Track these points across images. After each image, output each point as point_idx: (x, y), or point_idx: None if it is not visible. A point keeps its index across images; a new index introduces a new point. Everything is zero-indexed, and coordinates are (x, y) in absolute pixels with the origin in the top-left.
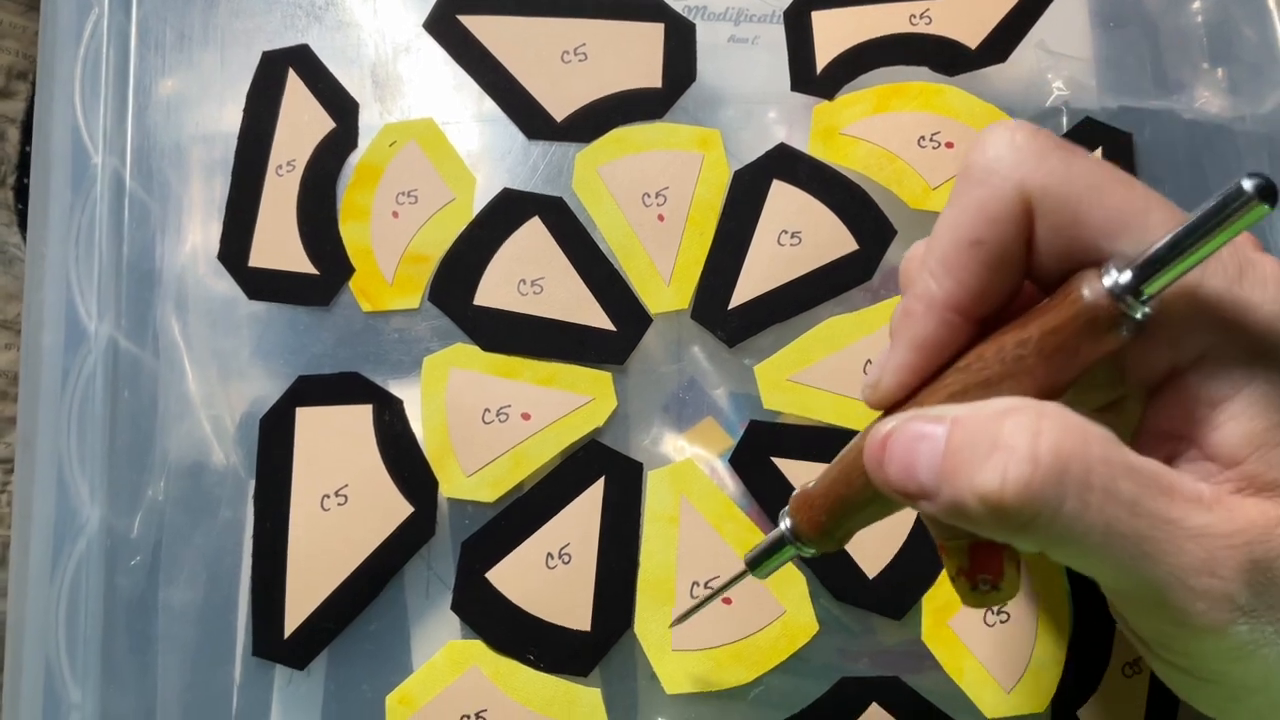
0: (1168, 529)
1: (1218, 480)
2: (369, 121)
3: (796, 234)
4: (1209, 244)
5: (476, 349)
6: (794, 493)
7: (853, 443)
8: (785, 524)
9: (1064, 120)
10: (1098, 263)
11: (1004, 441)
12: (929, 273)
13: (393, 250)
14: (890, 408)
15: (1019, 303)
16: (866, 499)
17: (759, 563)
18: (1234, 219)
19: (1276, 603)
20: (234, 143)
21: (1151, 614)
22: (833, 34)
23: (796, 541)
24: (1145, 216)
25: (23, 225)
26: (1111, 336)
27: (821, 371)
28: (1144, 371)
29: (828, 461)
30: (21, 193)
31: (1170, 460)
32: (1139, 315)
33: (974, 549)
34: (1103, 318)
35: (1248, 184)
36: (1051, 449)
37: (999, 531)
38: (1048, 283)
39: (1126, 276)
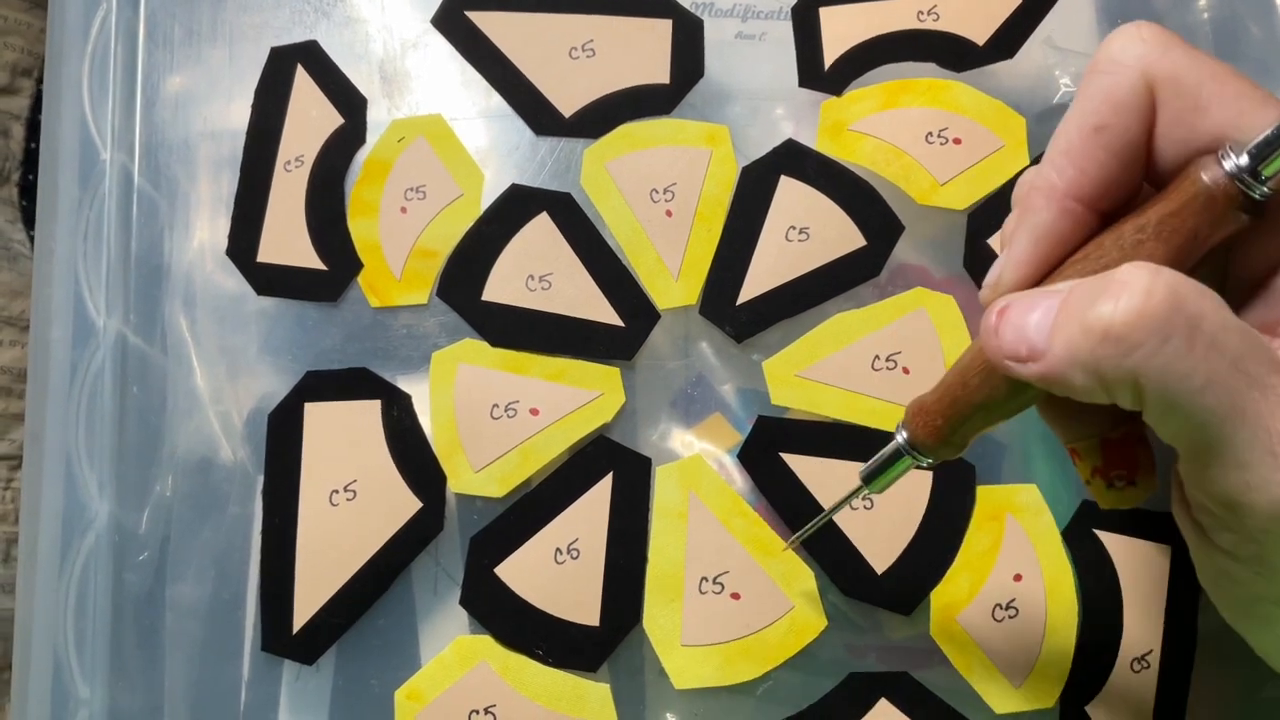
0: (1264, 392)
1: None
2: (377, 117)
3: (804, 230)
4: None
5: (485, 344)
6: (910, 403)
7: (968, 350)
8: (901, 435)
9: None
10: (1215, 151)
11: (1120, 277)
12: (1050, 163)
13: (401, 246)
14: None
15: (1138, 203)
16: (983, 399)
17: (874, 476)
18: None
19: None
20: (242, 139)
21: (1225, 481)
22: (840, 30)
23: (913, 451)
24: (1264, 107)
25: (28, 222)
26: (1230, 218)
27: (829, 367)
28: (1251, 265)
29: (837, 457)
30: (26, 190)
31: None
32: (1257, 195)
33: (1106, 446)
34: (1221, 199)
35: None
36: (1167, 285)
37: (1103, 376)
38: (1167, 181)
39: (1244, 159)
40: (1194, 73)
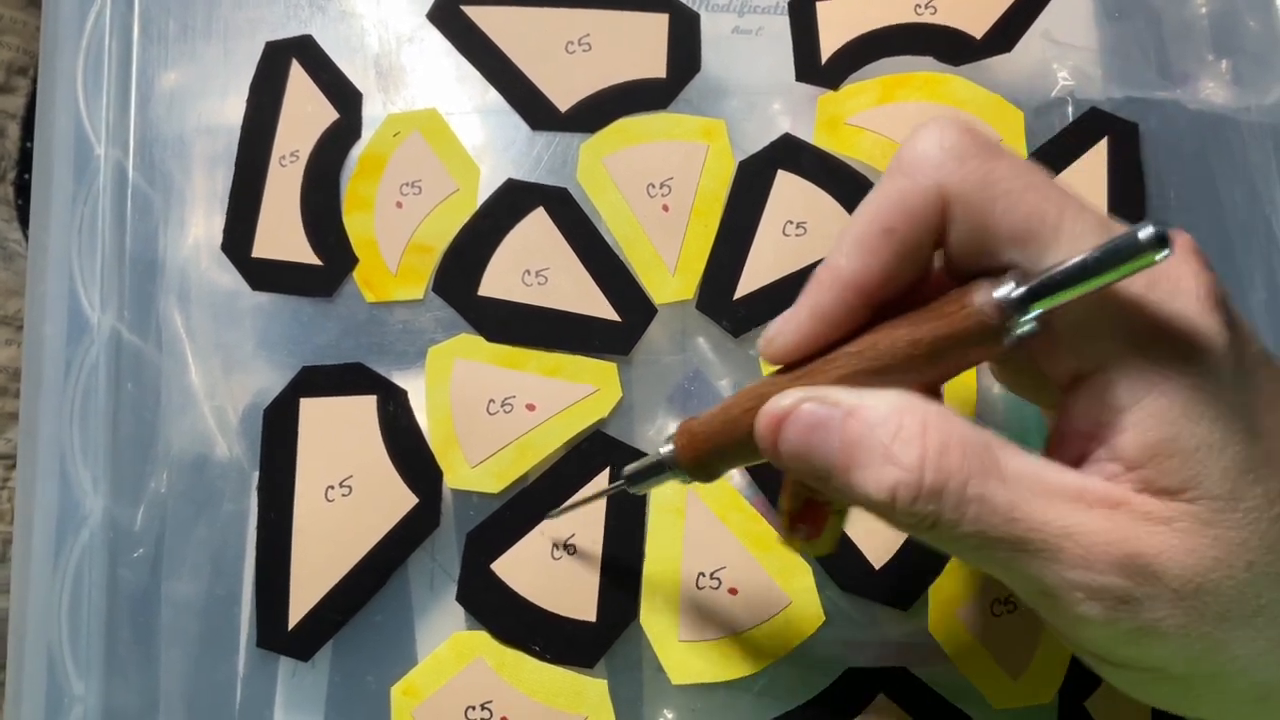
0: (1043, 530)
1: (1121, 480)
2: (372, 112)
3: (802, 224)
4: (1100, 279)
5: (481, 340)
6: (682, 421)
7: (742, 394)
8: (667, 448)
9: (1069, 110)
10: (1000, 270)
11: (894, 456)
12: (841, 249)
13: (397, 241)
14: (782, 367)
15: (924, 289)
16: (747, 452)
17: (637, 480)
18: (1128, 260)
19: (1159, 594)
20: (237, 134)
21: (1047, 607)
22: (837, 24)
23: (675, 467)
24: (1056, 226)
25: (23, 221)
26: (996, 345)
27: None
28: (1057, 373)
29: None
30: (22, 189)
31: (1083, 457)
32: (1021, 331)
33: (809, 502)
34: (989, 328)
35: (1143, 233)
36: (935, 469)
37: (888, 523)
38: (960, 277)
39: (1018, 293)
40: (986, 189)
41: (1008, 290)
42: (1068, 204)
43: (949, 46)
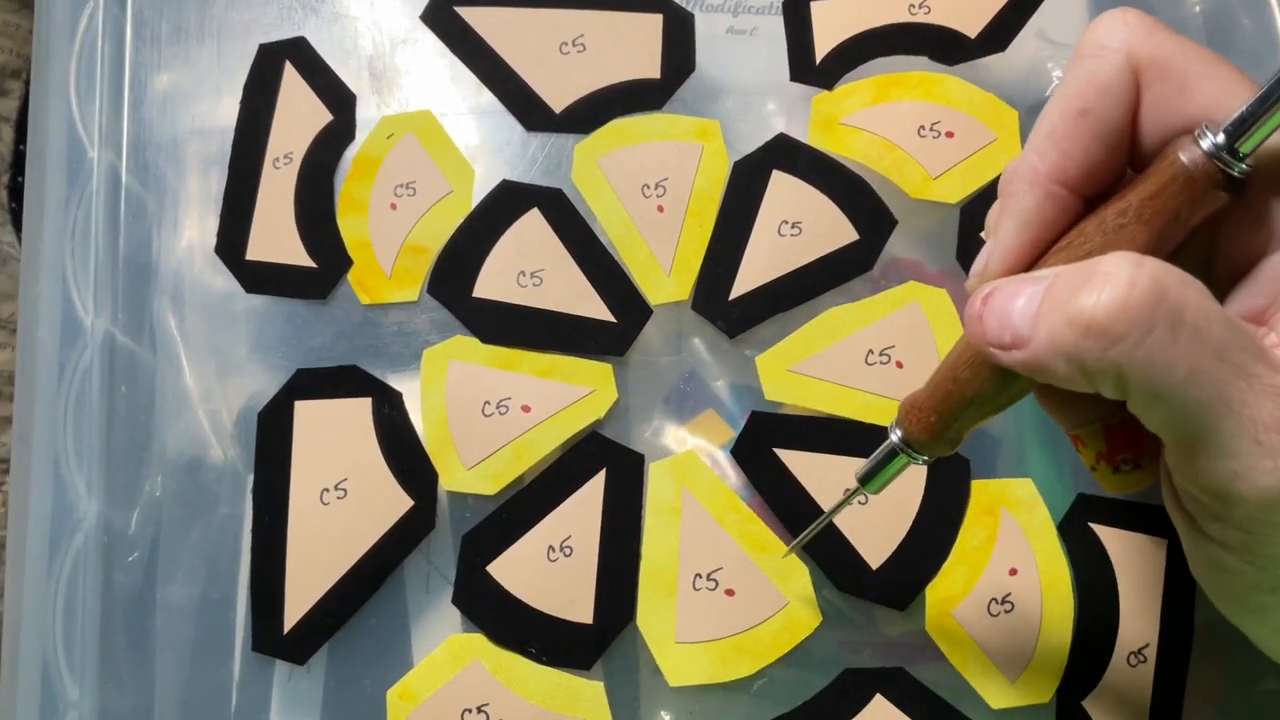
0: (1249, 381)
1: None
2: (366, 114)
3: (797, 224)
4: None
5: (476, 341)
6: (900, 401)
7: (958, 345)
8: (895, 434)
9: None
10: (1193, 131)
11: (1103, 269)
12: (1033, 148)
13: (391, 243)
14: None
15: (1121, 187)
16: (974, 392)
17: (871, 477)
18: None
19: None
20: (230, 136)
21: (1212, 469)
22: (832, 24)
23: (908, 449)
24: (1246, 90)
25: (16, 224)
26: (1210, 198)
27: (823, 362)
28: (1236, 251)
29: (831, 452)
30: (15, 192)
31: None
32: (1236, 173)
33: (1109, 431)
34: (1200, 179)
35: None
36: (1150, 277)
37: (1087, 367)
38: (1150, 164)
39: (1220, 137)
40: (1178, 57)
41: (1210, 135)
42: (1248, 79)
43: (943, 46)
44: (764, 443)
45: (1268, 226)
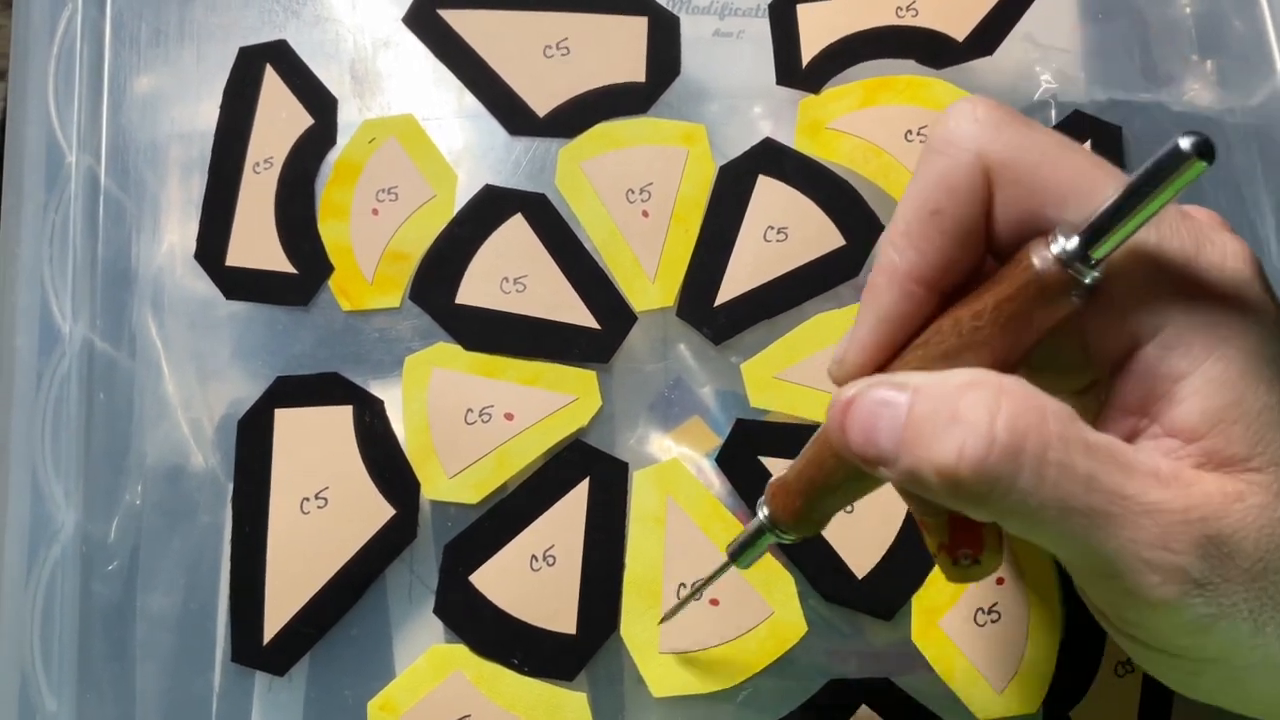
0: (1123, 504)
1: (1179, 456)
2: (348, 118)
3: (783, 230)
4: (1151, 204)
5: (459, 348)
6: (769, 480)
7: (821, 428)
8: (763, 513)
9: (1053, 113)
10: (1048, 233)
11: (963, 415)
12: (891, 244)
13: (373, 248)
14: None
15: (980, 280)
16: (838, 480)
17: (740, 553)
18: (1173, 177)
19: (1232, 576)
20: (211, 140)
21: (1109, 588)
22: (818, 27)
23: (775, 529)
24: (1099, 185)
25: None
26: (1063, 302)
27: (809, 369)
28: (1107, 347)
29: None
30: None
31: (1133, 436)
32: (1088, 280)
33: (953, 523)
34: (1053, 284)
35: (1184, 142)
36: (1008, 425)
37: (956, 502)
38: (1007, 256)
39: (1074, 242)
40: (1027, 153)
41: (1063, 240)
42: (1105, 167)
43: (931, 49)
44: (749, 450)
45: (1131, 322)
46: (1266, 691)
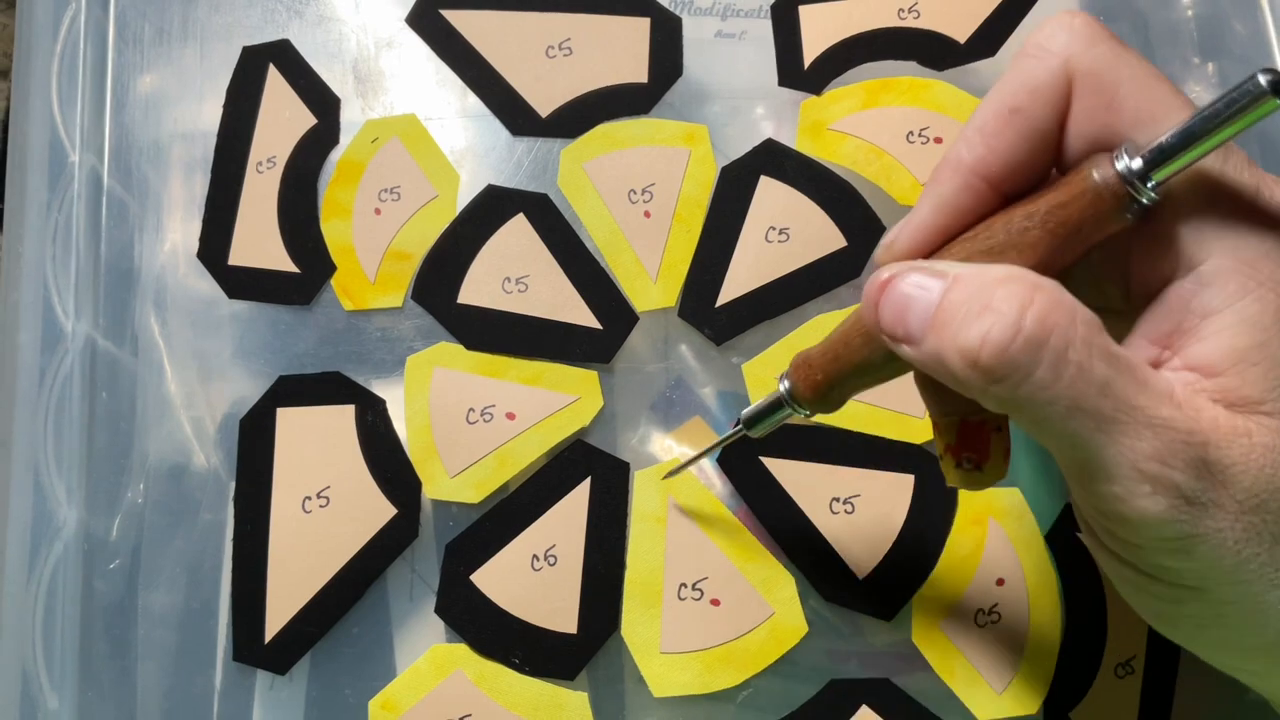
0: (1130, 413)
1: (1195, 389)
2: (351, 118)
3: (784, 230)
4: (1219, 135)
5: (460, 348)
6: (795, 355)
7: (854, 308)
8: (784, 385)
9: None
10: (1113, 149)
11: (994, 304)
12: (963, 139)
13: (375, 248)
14: None
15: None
16: (862, 360)
17: (756, 421)
18: (1246, 111)
19: (1223, 503)
20: (214, 140)
21: (1102, 495)
22: (820, 29)
23: (794, 403)
24: (1176, 114)
25: None
26: (1116, 218)
27: None
28: (1147, 274)
29: (817, 460)
30: None
31: (1155, 366)
32: (1144, 199)
33: (963, 427)
34: (1108, 198)
35: (1263, 78)
36: (1036, 318)
37: (972, 388)
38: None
39: (1137, 162)
40: (1114, 70)
41: (1127, 157)
42: (1185, 100)
43: (932, 51)
44: (750, 451)
45: (1174, 252)
46: (1245, 634)
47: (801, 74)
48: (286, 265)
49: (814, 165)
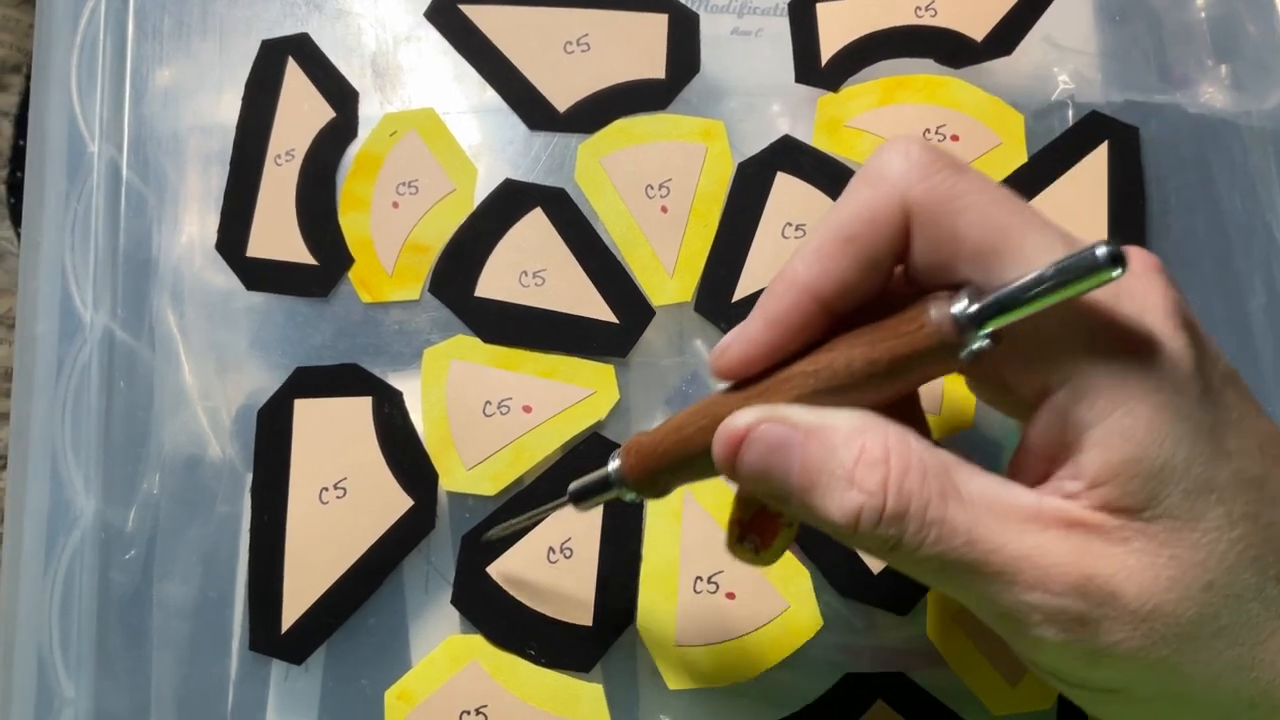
0: (1000, 553)
1: (1081, 498)
2: (369, 111)
3: (801, 226)
4: (1054, 297)
5: (477, 341)
6: (631, 437)
7: (694, 411)
8: (614, 464)
9: (1070, 114)
10: (958, 285)
11: (857, 480)
12: (800, 256)
13: (393, 241)
14: (735, 383)
15: (883, 299)
16: (695, 454)
17: (583, 498)
18: (1083, 280)
19: (1118, 615)
20: (232, 132)
21: (1004, 629)
22: (837, 26)
23: (621, 484)
24: (1019, 241)
25: (15, 219)
26: (951, 362)
27: None
28: (1023, 388)
29: None
30: (14, 186)
31: (1047, 474)
32: (977, 346)
33: (760, 512)
34: (944, 343)
35: (1100, 250)
36: (895, 492)
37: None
38: (920, 288)
39: (973, 309)
40: (952, 202)
41: (963, 306)
42: (1031, 220)
43: (949, 49)
44: None
45: (1045, 367)
46: None
47: (818, 71)
48: (304, 257)
49: (830, 162)
